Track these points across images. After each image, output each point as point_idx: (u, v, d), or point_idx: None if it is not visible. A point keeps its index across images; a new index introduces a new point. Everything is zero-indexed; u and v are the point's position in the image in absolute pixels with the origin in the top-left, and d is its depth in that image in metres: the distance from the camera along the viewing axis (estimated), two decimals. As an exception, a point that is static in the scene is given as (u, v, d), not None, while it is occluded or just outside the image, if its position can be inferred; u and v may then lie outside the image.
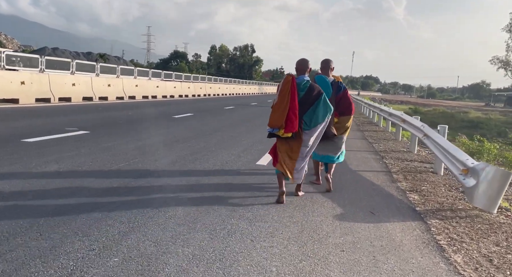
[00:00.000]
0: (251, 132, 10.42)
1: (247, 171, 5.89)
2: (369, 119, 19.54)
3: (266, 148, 8.02)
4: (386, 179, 6.15)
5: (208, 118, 13.16)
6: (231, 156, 6.83)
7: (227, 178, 5.34)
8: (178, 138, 8.23)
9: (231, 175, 5.54)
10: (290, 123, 4.19)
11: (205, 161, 6.22)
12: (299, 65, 4.43)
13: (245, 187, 4.94)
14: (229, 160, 6.48)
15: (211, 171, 5.62)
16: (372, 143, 10.38)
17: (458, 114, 57.27)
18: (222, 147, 7.69)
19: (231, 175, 5.51)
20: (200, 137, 8.73)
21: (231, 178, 5.34)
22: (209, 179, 5.16)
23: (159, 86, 21.83)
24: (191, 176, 5.22)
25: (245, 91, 44.57)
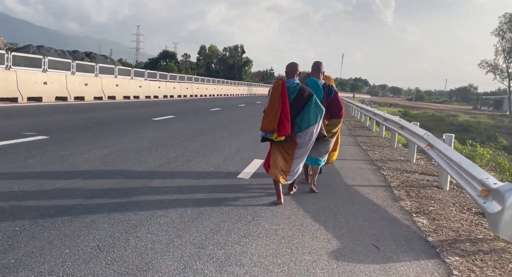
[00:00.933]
0: (236, 136, 9.54)
1: (226, 186, 5.01)
2: (360, 122, 18.81)
3: (251, 156, 7.17)
4: (386, 196, 5.32)
5: (191, 121, 12.25)
6: (210, 167, 5.94)
7: (200, 198, 4.44)
8: (152, 144, 7.31)
9: (207, 192, 4.65)
10: (282, 126, 4.20)
11: (178, 175, 5.32)
12: (288, 68, 4.50)
13: (220, 211, 4.05)
14: (207, 173, 5.59)
15: (182, 189, 4.72)
16: (367, 150, 9.59)
17: (447, 118, 57.18)
18: (201, 155, 6.80)
19: (207, 193, 4.62)
20: (177, 142, 7.82)
21: (205, 198, 4.45)
22: (178, 202, 4.25)
23: (142, 85, 20.79)
24: (156, 195, 4.31)
25: (234, 92, 43.66)
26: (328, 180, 5.93)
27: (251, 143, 8.67)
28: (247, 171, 5.94)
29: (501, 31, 59.90)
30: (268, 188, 5.08)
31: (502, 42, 60.20)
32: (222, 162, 6.41)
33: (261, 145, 8.52)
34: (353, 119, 20.55)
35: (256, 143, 8.76)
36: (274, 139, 4.29)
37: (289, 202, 4.58)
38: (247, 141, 8.97)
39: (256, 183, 5.33)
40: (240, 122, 13.50)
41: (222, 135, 9.58)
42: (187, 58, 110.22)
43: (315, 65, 5.19)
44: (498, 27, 60.18)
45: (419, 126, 8.21)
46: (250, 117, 15.78)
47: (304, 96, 4.37)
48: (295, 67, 4.50)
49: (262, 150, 8.01)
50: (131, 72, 20.58)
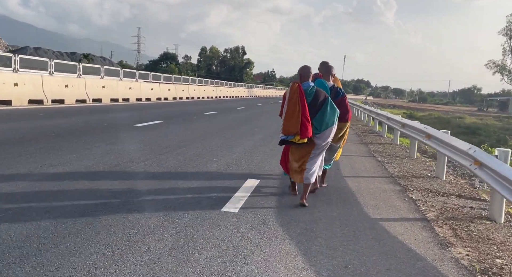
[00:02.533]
0: (228, 147, 8.05)
1: (202, 226, 3.51)
2: (369, 127, 17.29)
3: (244, 174, 5.67)
4: (428, 238, 3.81)
5: (179, 127, 10.76)
6: (186, 194, 4.44)
7: (162, 251, 2.94)
8: (118, 161, 5.82)
9: (174, 238, 3.15)
10: (305, 129, 4.30)
11: (135, 213, 3.82)
12: (302, 71, 4.55)
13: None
14: (181, 204, 4.09)
15: (139, 237, 3.22)
16: (383, 162, 8.07)
17: (454, 120, 55.45)
18: (178, 176, 5.32)
19: (174, 239, 3.12)
20: (153, 157, 6.33)
21: (172, 249, 2.95)
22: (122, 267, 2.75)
23: (133, 87, 19.29)
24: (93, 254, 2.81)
25: (234, 94, 42.15)
26: (344, 211, 4.43)
27: (246, 156, 7.18)
28: (237, 199, 4.44)
29: (509, 31, 58.32)
30: (262, 223, 3.61)
31: (510, 42, 58.60)
32: (204, 186, 4.92)
33: (258, 159, 7.04)
34: (360, 123, 19.02)
35: (252, 156, 7.27)
36: (296, 141, 4.36)
37: (294, 257, 3.08)
38: (241, 153, 7.47)
39: (246, 218, 3.84)
40: (237, 127, 12.01)
41: (211, 145, 8.09)
42: (188, 60, 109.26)
43: (327, 67, 5.21)
44: (505, 26, 58.60)
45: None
46: (248, 122, 14.29)
47: (320, 99, 4.48)
48: (309, 70, 4.58)
49: (258, 165, 6.51)
50: (119, 72, 19.08)
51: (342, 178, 6.29)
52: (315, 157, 4.57)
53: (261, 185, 5.23)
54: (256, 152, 7.71)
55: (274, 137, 10.33)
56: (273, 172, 6.14)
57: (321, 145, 4.53)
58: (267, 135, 10.51)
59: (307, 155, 4.53)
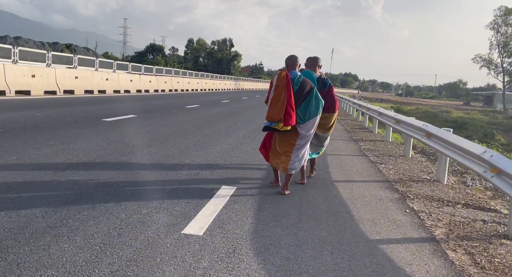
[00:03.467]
0: (206, 144, 7.17)
1: (159, 253, 2.65)
2: (358, 121, 16.56)
3: (218, 180, 4.79)
4: (441, 269, 3.02)
5: (154, 122, 9.82)
6: (142, 210, 3.56)
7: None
8: (69, 165, 4.90)
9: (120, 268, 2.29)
10: (289, 117, 4.29)
11: (62, 245, 2.93)
12: (289, 60, 4.54)
13: None
14: (129, 227, 3.21)
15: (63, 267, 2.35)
16: (377, 163, 7.30)
17: (441, 114, 55.42)
18: (138, 184, 4.43)
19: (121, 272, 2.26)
20: (111, 159, 5.42)
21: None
22: None
23: (110, 78, 18.13)
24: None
25: (220, 87, 41.05)
26: (336, 230, 3.61)
27: (223, 156, 6.32)
28: (205, 216, 3.58)
29: (496, 25, 58.21)
30: (232, 252, 2.78)
31: (497, 36, 58.53)
32: (167, 197, 4.04)
33: (237, 160, 6.20)
34: (349, 118, 18.28)
35: (231, 156, 6.43)
36: (280, 129, 4.35)
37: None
38: (219, 153, 6.61)
39: (212, 245, 2.99)
40: (218, 123, 11.12)
41: (186, 143, 7.20)
42: (175, 52, 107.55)
43: (313, 59, 5.31)
44: (493, 20, 58.46)
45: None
46: (231, 117, 13.41)
47: (306, 88, 4.48)
48: (296, 59, 4.57)
49: (237, 167, 5.66)
50: (95, 62, 17.88)
51: (333, 183, 5.47)
52: (300, 148, 4.57)
53: (237, 194, 4.39)
54: (236, 152, 6.86)
55: (258, 133, 9.49)
56: (253, 176, 5.30)
57: (304, 135, 4.54)
58: (250, 132, 9.65)
59: (292, 146, 4.52)
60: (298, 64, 4.56)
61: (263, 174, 5.50)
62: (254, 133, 9.46)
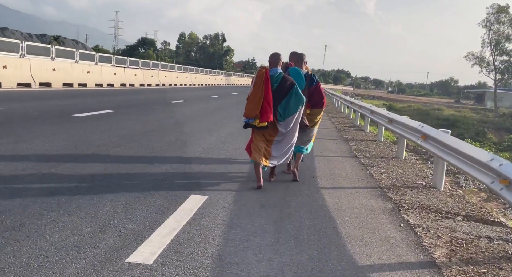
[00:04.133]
0: (183, 144, 6.56)
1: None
2: (349, 119, 16.02)
3: (187, 188, 4.12)
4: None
5: (130, 119, 9.16)
6: (82, 231, 2.95)
7: None
8: (11, 169, 4.26)
9: None
10: (265, 113, 4.32)
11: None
12: (271, 58, 4.59)
13: None
14: (60, 252, 2.59)
15: None
16: (368, 166, 6.75)
17: (433, 112, 55.23)
18: (87, 194, 3.80)
19: None
20: (66, 161, 4.79)
21: None
22: None
23: (91, 71, 17.32)
24: None
25: (210, 82, 40.26)
26: (318, 252, 3.03)
27: (200, 158, 5.73)
28: (160, 236, 2.98)
29: (488, 23, 58.00)
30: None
31: (489, 34, 58.34)
32: (120, 209, 3.43)
33: (215, 162, 5.60)
34: (340, 116, 17.73)
35: (209, 157, 5.83)
36: (256, 125, 4.37)
37: None
38: (196, 154, 6.01)
39: (161, 276, 2.39)
40: (201, 119, 10.49)
41: (160, 143, 6.57)
42: (167, 46, 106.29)
43: (298, 55, 5.25)
44: (485, 18, 58.23)
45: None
46: (217, 113, 12.79)
47: (286, 85, 4.49)
48: (278, 57, 4.60)
49: (213, 171, 5.05)
50: (75, 54, 17.03)
51: (319, 190, 4.90)
52: (278, 144, 4.62)
53: (207, 205, 3.80)
54: (215, 153, 6.26)
55: (243, 131, 8.90)
56: (230, 182, 4.71)
57: (283, 133, 4.59)
58: (235, 129, 9.05)
59: (270, 142, 4.57)
60: (280, 62, 4.59)
61: (242, 180, 4.90)
62: (239, 131, 8.86)
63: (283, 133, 4.59)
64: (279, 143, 4.63)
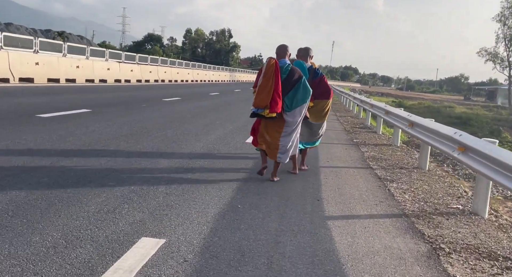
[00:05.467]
0: (158, 153, 5.33)
1: None
2: (359, 119, 14.68)
3: (149, 221, 2.94)
4: None
5: (108, 119, 7.95)
6: None
7: None
8: None
9: None
10: (275, 103, 4.35)
11: None
12: (279, 50, 4.64)
13: None
14: None
15: None
16: (386, 180, 5.46)
17: (444, 109, 53.41)
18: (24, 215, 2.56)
19: None
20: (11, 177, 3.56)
21: None
22: None
23: (82, 66, 16.13)
24: None
25: (213, 78, 38.99)
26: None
27: (171, 177, 4.47)
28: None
29: (503, 17, 55.91)
30: None
31: (504, 29, 56.25)
32: (25, 270, 2.19)
33: (189, 182, 4.33)
34: (349, 115, 16.38)
35: (184, 175, 4.55)
36: (265, 115, 4.39)
37: None
38: (167, 169, 4.77)
39: None
40: (192, 120, 9.25)
41: (130, 152, 5.35)
42: (173, 42, 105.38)
43: (304, 49, 5.31)
44: (500, 12, 56.14)
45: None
46: (211, 112, 11.55)
47: (294, 77, 4.54)
48: (286, 48, 4.63)
49: (183, 198, 3.74)
50: (63, 47, 15.78)
51: (325, 222, 3.63)
52: (287, 136, 4.60)
53: (158, 257, 2.56)
54: (194, 167, 5.02)
55: (237, 135, 7.67)
56: (202, 216, 3.45)
57: (291, 122, 4.58)
58: (228, 132, 7.82)
59: (278, 133, 4.58)
60: (288, 53, 4.63)
61: (216, 213, 3.63)
62: (232, 135, 7.63)
63: (291, 123, 4.60)
64: (288, 136, 4.63)
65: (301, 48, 5.39)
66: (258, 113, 4.41)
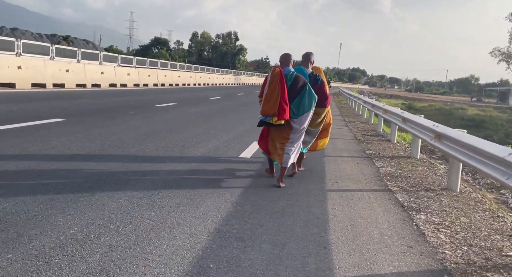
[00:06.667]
0: (124, 183, 4.20)
1: None
2: (370, 125, 13.45)
3: None
4: None
5: (79, 131, 6.88)
6: None
7: None
8: None
9: None
10: (282, 111, 4.44)
11: None
12: (282, 58, 4.77)
13: None
14: None
15: None
16: (411, 209, 4.31)
17: (456, 111, 51.80)
18: None
19: None
20: None
21: None
22: None
23: (72, 69, 15.09)
24: None
25: (217, 81, 37.93)
26: None
27: (137, 209, 3.34)
28: None
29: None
30: None
31: (517, 28, 54.46)
32: None
33: (158, 216, 3.19)
34: (359, 120, 15.14)
35: (152, 207, 3.40)
36: (274, 123, 4.47)
37: None
38: (134, 198, 3.64)
39: None
40: (181, 129, 8.16)
41: (88, 173, 4.23)
42: (180, 46, 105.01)
43: (305, 55, 5.27)
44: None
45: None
46: (207, 120, 10.43)
47: (299, 84, 4.61)
48: (289, 57, 4.76)
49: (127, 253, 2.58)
50: (50, 49, 14.68)
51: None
52: (293, 142, 4.70)
53: None
54: (167, 196, 3.89)
55: (232, 148, 6.54)
56: (169, 259, 2.32)
57: (298, 129, 4.68)
58: (221, 145, 6.72)
59: (286, 139, 4.67)
60: (291, 61, 4.74)
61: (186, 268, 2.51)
62: (226, 148, 6.54)
63: (298, 129, 4.68)
64: (294, 142, 4.71)
65: (303, 54, 5.34)
66: (266, 121, 4.49)
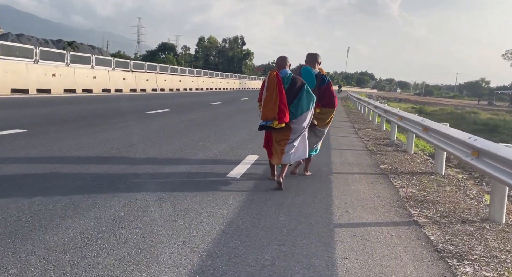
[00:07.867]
0: (95, 198, 3.08)
1: None
2: (382, 132, 12.23)
3: None
4: None
5: (47, 141, 5.83)
6: None
7: None
8: None
9: None
10: (282, 114, 4.46)
11: None
12: (279, 61, 4.82)
13: None
14: None
15: None
16: (447, 254, 3.14)
17: (468, 115, 50.15)
18: None
19: None
20: None
21: None
22: None
23: (60, 74, 13.99)
24: None
25: (220, 86, 36.86)
26: None
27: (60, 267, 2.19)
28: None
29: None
30: None
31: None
32: None
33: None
34: (369, 127, 13.90)
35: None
36: (275, 126, 4.50)
37: None
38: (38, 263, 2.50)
39: None
40: (167, 140, 7.07)
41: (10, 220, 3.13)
42: (187, 51, 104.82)
43: (312, 55, 5.31)
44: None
45: None
46: (199, 128, 9.33)
47: (297, 85, 4.63)
48: (285, 60, 4.79)
49: None
50: (34, 52, 13.59)
51: None
52: (292, 142, 4.70)
53: None
54: (124, 228, 2.77)
55: (220, 163, 5.41)
56: None
57: (297, 129, 4.68)
58: (209, 160, 5.60)
59: (286, 140, 4.67)
60: (288, 64, 4.75)
61: None
62: (215, 163, 5.41)
63: (297, 130, 4.67)
64: (293, 142, 4.70)
65: (309, 54, 5.36)
66: (267, 125, 4.50)
